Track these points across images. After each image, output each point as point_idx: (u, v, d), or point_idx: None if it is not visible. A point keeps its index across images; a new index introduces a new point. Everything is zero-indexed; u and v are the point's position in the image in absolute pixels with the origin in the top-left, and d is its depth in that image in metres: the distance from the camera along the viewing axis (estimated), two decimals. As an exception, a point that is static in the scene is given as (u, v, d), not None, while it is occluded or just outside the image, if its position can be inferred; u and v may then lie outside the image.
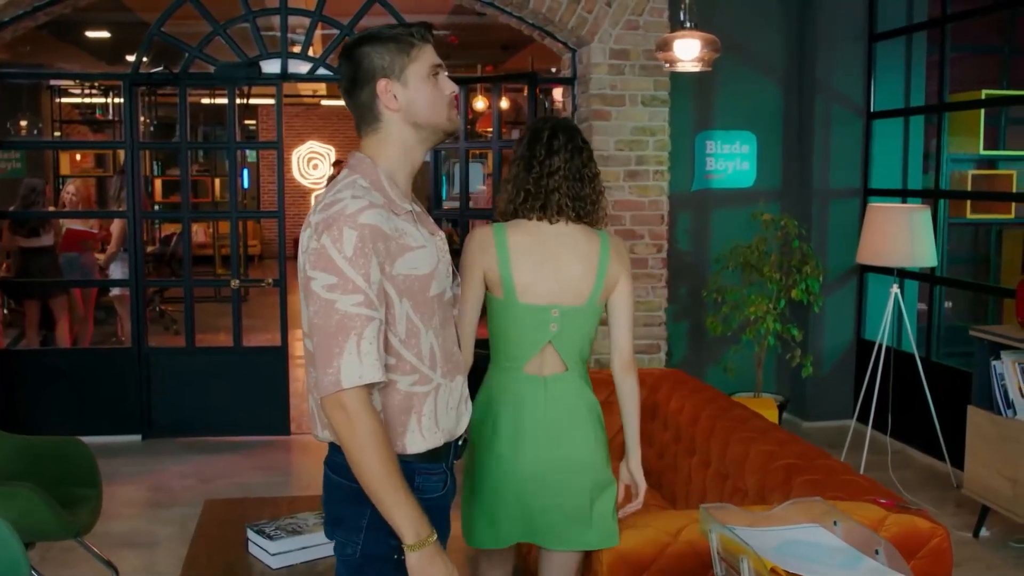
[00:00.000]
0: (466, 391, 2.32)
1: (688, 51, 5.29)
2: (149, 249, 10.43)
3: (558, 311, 2.74)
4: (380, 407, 2.09)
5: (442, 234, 2.25)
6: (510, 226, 2.78)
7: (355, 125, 2.23)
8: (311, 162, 19.81)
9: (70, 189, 8.20)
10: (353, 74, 2.15)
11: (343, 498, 2.16)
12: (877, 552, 1.92)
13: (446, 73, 2.21)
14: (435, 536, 2.05)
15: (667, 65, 5.46)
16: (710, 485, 3.71)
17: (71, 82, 13.16)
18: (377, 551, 2.13)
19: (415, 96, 2.15)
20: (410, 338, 2.11)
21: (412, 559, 2.02)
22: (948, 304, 7.01)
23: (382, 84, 2.13)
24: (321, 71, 6.41)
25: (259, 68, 6.34)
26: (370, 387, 2.02)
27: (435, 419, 2.18)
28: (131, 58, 6.44)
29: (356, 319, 1.99)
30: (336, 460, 2.15)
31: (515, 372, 2.77)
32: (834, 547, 1.99)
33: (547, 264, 2.73)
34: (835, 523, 2.06)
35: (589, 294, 2.77)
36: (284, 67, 6.38)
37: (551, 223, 2.76)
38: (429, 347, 2.13)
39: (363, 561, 2.16)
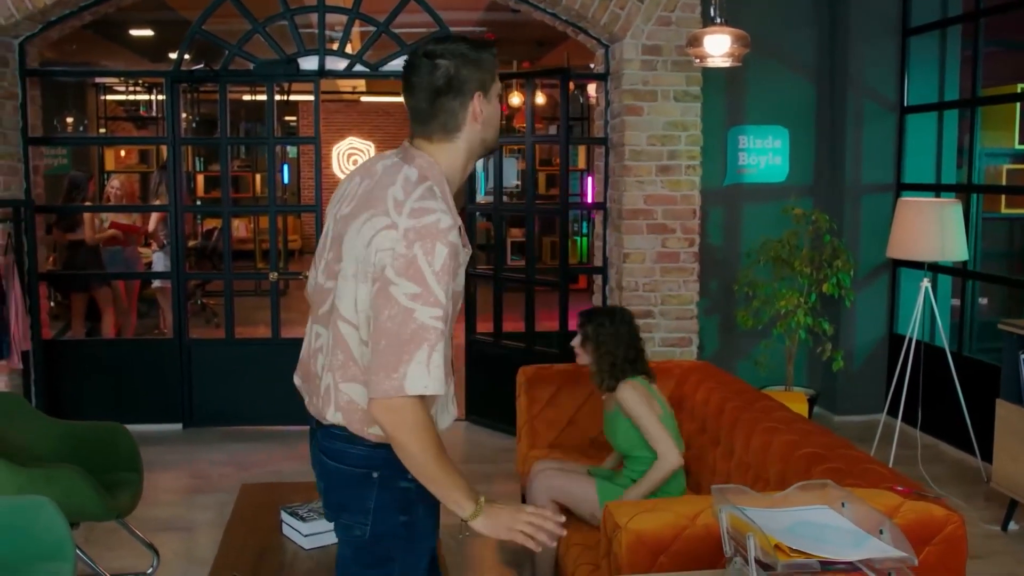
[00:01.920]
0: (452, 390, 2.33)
1: (718, 47, 5.34)
2: (191, 243, 10.62)
3: None
4: None
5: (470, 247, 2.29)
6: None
7: (420, 125, 2.26)
8: (351, 157, 19.98)
9: (115, 184, 8.39)
10: (446, 80, 2.19)
11: (345, 483, 2.24)
12: (882, 532, 1.98)
13: None
14: (482, 496, 2.15)
15: (697, 61, 5.50)
16: (734, 474, 3.77)
17: (116, 80, 13.41)
18: (386, 529, 2.23)
19: (491, 114, 2.27)
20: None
21: (479, 524, 2.13)
22: (984, 300, 6.99)
23: (478, 97, 2.22)
24: (358, 67, 6.53)
25: (297, 65, 6.47)
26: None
27: (445, 413, 2.32)
28: (173, 56, 6.59)
29: (432, 332, 2.04)
30: (335, 447, 2.23)
31: None
32: (840, 527, 2.05)
33: None
34: (843, 504, 2.12)
35: None
36: (322, 64, 6.50)
37: None
38: (447, 354, 2.16)
39: (373, 540, 2.25)
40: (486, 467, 5.89)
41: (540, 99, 12.77)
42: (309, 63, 6.52)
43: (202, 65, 6.74)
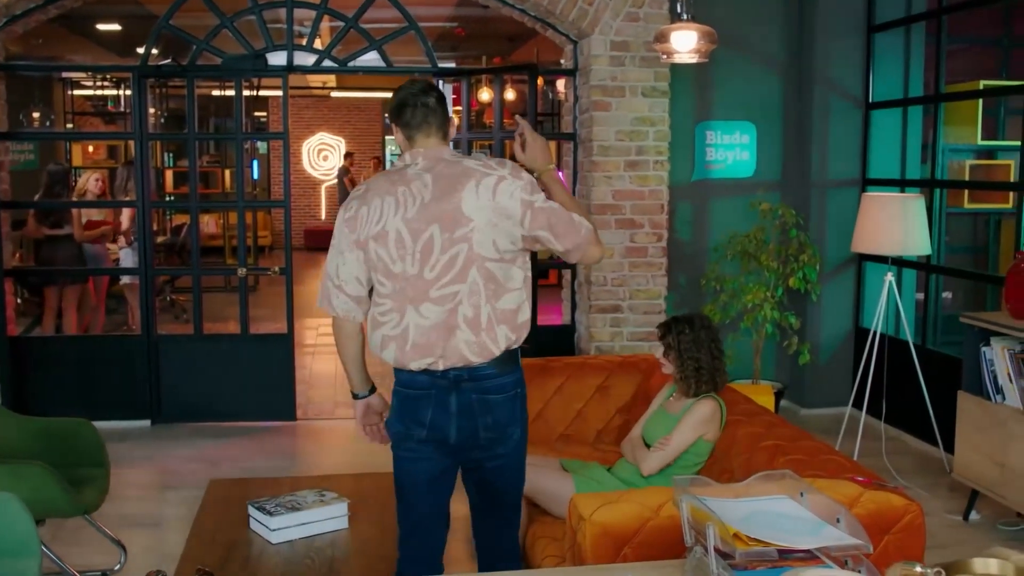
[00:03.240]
0: None
1: (685, 43, 5.38)
2: (160, 239, 10.56)
3: None
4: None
5: None
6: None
7: (442, 130, 2.99)
8: (321, 153, 19.93)
9: (96, 176, 8.30)
10: (444, 113, 3.01)
11: (507, 405, 2.94)
12: (838, 520, 2.02)
13: None
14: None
15: (665, 57, 5.54)
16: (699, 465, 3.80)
17: (83, 74, 13.30)
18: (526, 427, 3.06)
19: None
20: None
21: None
22: (947, 294, 7.08)
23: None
24: (327, 63, 6.52)
25: (265, 60, 6.45)
26: None
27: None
28: (140, 51, 6.55)
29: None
30: (495, 384, 2.90)
31: None
32: (799, 516, 2.09)
33: None
34: (802, 494, 2.16)
35: None
36: (290, 59, 6.49)
37: None
38: None
39: (523, 440, 3.04)
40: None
41: (510, 95, 12.79)
42: (277, 58, 6.50)
43: (169, 60, 6.69)
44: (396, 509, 3.06)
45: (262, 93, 15.53)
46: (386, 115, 21.18)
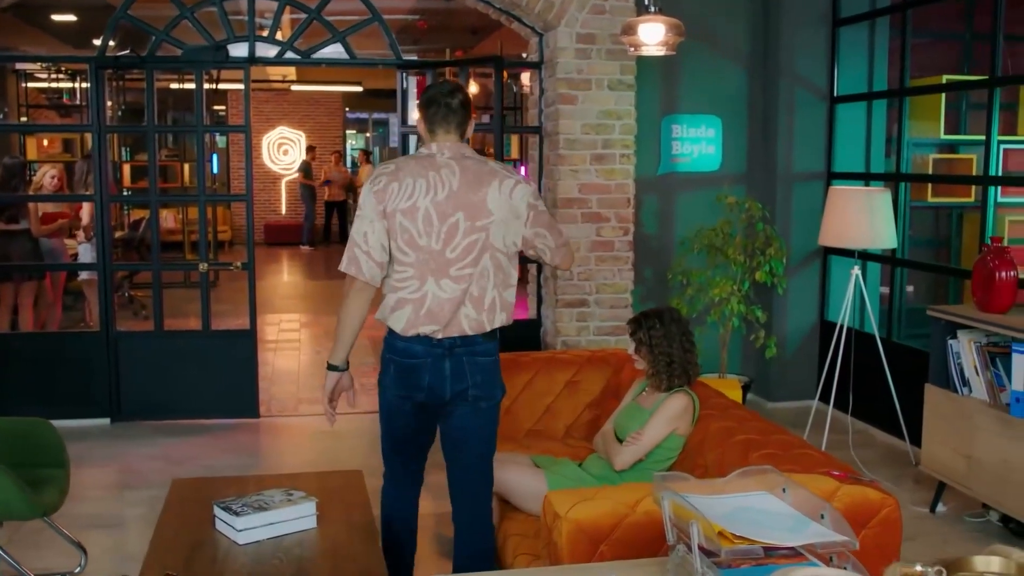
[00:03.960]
0: None
1: (652, 35, 5.35)
2: (118, 234, 10.37)
3: None
4: None
5: None
6: None
7: (461, 129, 3.39)
8: (281, 147, 19.75)
9: (53, 172, 8.13)
10: (465, 114, 3.40)
11: (490, 369, 3.38)
12: (823, 516, 1.99)
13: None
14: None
15: (632, 49, 5.51)
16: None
17: (38, 66, 13.05)
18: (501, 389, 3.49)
19: None
20: None
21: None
22: (910, 288, 7.12)
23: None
24: (289, 54, 6.42)
25: (227, 52, 6.34)
26: None
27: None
28: (97, 42, 6.41)
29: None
30: (485, 347, 3.34)
31: None
32: (782, 512, 2.06)
33: None
34: (784, 490, 2.13)
35: None
36: (252, 51, 6.38)
37: None
38: None
39: (499, 399, 3.48)
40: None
41: (473, 88, 12.69)
42: (239, 50, 6.39)
43: (128, 51, 6.55)
44: (381, 438, 3.55)
45: (221, 86, 15.37)
46: (347, 108, 21.04)
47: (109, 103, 7.99)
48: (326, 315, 10.86)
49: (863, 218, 5.47)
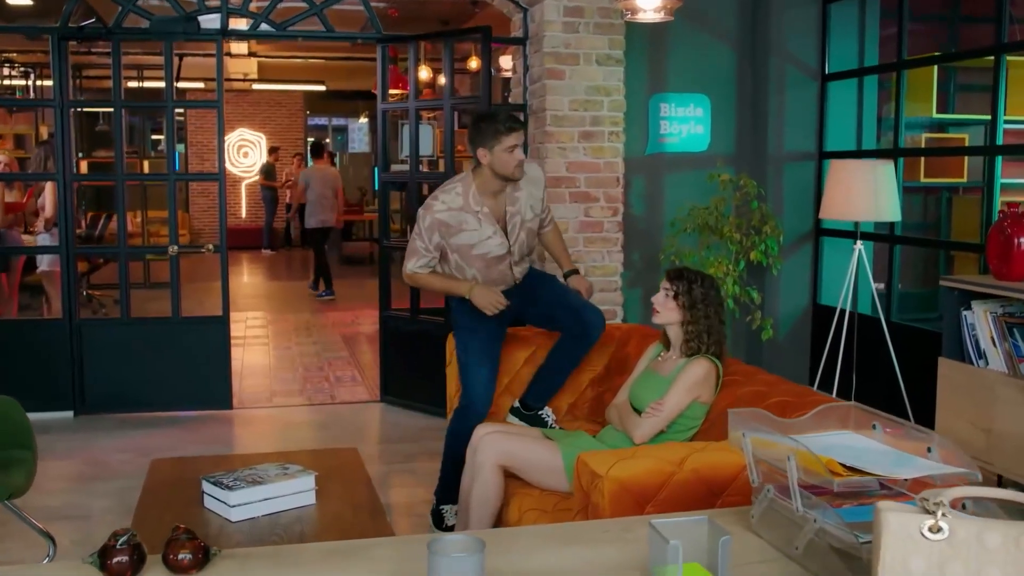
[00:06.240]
0: None
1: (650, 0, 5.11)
2: (76, 231, 9.94)
3: None
4: None
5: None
6: None
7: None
8: (241, 150, 19.35)
9: (2, 158, 7.75)
10: (471, 136, 3.99)
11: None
12: (930, 450, 1.75)
13: (520, 148, 3.95)
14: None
15: (628, 14, 5.27)
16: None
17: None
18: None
19: (496, 160, 3.94)
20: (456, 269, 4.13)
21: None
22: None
23: (481, 151, 3.96)
24: (264, 27, 6.12)
25: (197, 23, 6.03)
26: None
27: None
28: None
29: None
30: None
31: None
32: (879, 450, 1.82)
33: None
34: (874, 426, 1.89)
35: None
36: (224, 23, 6.07)
37: None
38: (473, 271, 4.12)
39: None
40: (408, 447, 5.55)
41: (424, 74, 12.36)
42: (211, 22, 6.08)
43: (93, 20, 6.21)
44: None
45: (180, 85, 14.95)
46: (307, 111, 20.64)
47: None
48: (291, 312, 10.58)
49: (867, 190, 5.28)
